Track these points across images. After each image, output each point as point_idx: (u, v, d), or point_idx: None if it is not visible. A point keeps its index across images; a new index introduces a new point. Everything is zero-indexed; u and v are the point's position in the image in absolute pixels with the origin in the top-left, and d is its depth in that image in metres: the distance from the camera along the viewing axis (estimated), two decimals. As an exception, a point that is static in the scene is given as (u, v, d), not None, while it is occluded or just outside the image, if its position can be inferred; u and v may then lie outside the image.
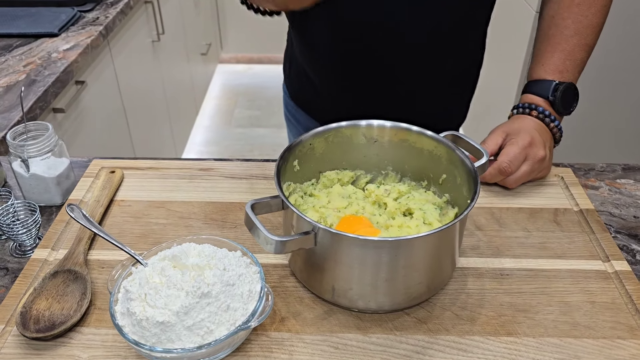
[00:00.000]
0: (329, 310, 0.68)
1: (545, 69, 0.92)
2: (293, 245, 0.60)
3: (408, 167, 0.80)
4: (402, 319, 0.67)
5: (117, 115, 1.79)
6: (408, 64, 0.95)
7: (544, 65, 0.92)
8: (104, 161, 0.95)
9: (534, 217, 0.82)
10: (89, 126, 1.58)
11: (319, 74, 1.03)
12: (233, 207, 0.84)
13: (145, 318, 0.56)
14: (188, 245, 0.64)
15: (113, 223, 0.81)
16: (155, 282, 0.59)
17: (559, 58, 0.90)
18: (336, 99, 1.03)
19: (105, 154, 1.68)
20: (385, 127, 0.77)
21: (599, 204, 0.88)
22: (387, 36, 0.91)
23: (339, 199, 0.76)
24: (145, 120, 2.06)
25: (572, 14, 0.90)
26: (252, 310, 0.59)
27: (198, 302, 0.56)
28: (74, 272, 0.71)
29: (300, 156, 0.75)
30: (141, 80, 2.02)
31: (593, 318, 0.67)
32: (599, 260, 0.75)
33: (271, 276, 0.72)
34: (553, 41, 0.91)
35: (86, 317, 0.67)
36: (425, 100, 1.03)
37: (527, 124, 0.87)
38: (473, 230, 0.80)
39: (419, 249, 0.62)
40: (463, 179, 0.71)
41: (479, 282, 0.72)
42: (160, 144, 2.27)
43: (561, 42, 0.91)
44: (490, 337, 0.64)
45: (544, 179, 0.91)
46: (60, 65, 1.37)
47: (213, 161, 0.96)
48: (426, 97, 1.02)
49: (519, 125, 0.87)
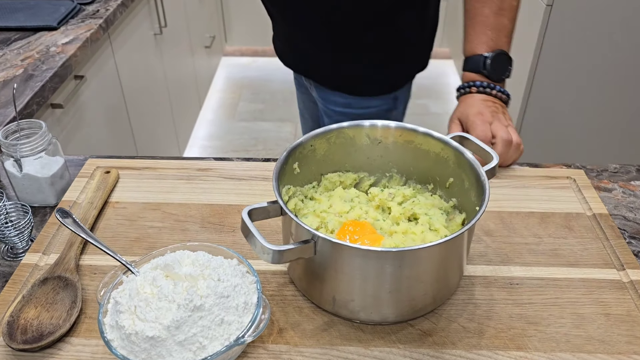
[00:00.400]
0: (330, 321, 0.65)
1: (472, 45, 0.96)
2: (291, 255, 0.57)
3: (413, 170, 0.76)
4: (405, 330, 0.64)
5: (118, 110, 1.76)
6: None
7: (470, 41, 0.97)
8: (99, 160, 0.92)
9: (545, 222, 0.79)
10: (88, 122, 1.55)
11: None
12: (231, 210, 0.81)
13: (134, 332, 0.53)
14: (182, 253, 0.61)
15: (107, 226, 0.79)
16: (147, 293, 0.56)
17: (481, 31, 0.95)
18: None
19: (105, 150, 1.66)
20: (389, 127, 0.74)
21: (612, 207, 0.84)
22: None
23: (340, 203, 0.73)
24: (148, 115, 2.03)
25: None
26: (248, 324, 0.56)
27: (190, 315, 0.53)
28: (64, 278, 0.68)
29: (300, 158, 0.72)
30: (143, 75, 1.99)
31: (608, 331, 0.63)
32: (613, 268, 0.71)
33: (269, 284, 0.69)
34: (472, 15, 0.97)
35: (76, 327, 0.64)
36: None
37: (472, 102, 0.92)
38: (481, 236, 0.77)
39: (424, 259, 0.58)
40: (471, 183, 0.68)
41: (487, 292, 0.68)
42: (162, 139, 2.24)
43: (478, 15, 0.95)
44: (499, 351, 0.61)
45: (555, 181, 0.87)
46: (58, 60, 1.34)
47: (212, 161, 0.92)
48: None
49: (464, 108, 0.92)
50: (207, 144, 2.90)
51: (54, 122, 1.35)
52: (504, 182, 0.87)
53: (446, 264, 0.61)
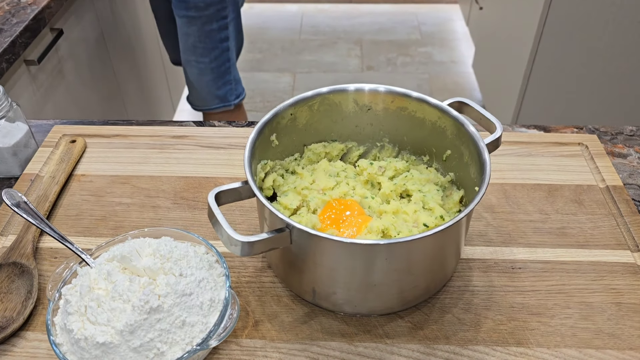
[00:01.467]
0: (310, 312, 0.59)
1: None
2: (263, 246, 0.50)
3: (407, 140, 0.68)
4: (394, 323, 0.57)
5: (102, 65, 1.66)
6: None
7: None
8: (66, 127, 0.84)
9: (553, 196, 0.71)
10: (69, 79, 1.45)
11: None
12: (207, 184, 0.74)
13: (83, 337, 0.47)
14: (142, 242, 0.55)
15: (71, 203, 0.72)
16: (100, 289, 0.50)
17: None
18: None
19: (89, 109, 1.57)
20: (378, 92, 0.65)
21: (627, 176, 0.76)
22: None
23: (325, 178, 0.65)
24: (136, 70, 1.93)
25: None
26: (213, 325, 0.49)
27: (146, 318, 0.47)
28: (20, 265, 0.62)
29: (279, 129, 0.64)
30: (129, 26, 1.87)
31: (619, 324, 0.57)
32: (627, 249, 0.64)
33: (246, 269, 0.63)
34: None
35: (32, 320, 0.58)
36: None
37: None
38: (481, 213, 0.69)
39: (415, 251, 0.51)
40: (471, 158, 0.60)
41: (487, 278, 0.62)
42: (154, 95, 2.14)
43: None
44: (498, 347, 0.55)
45: (565, 148, 0.79)
46: (30, 12, 1.24)
47: (190, 127, 0.85)
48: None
49: None
50: (203, 96, 2.79)
51: (29, 80, 1.26)
52: (509, 150, 0.79)
53: (440, 254, 0.55)
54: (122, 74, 1.78)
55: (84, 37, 1.53)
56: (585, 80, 1.82)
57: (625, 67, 1.78)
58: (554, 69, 1.80)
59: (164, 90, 2.26)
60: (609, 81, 1.81)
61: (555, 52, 1.76)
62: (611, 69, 1.78)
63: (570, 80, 1.82)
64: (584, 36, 1.72)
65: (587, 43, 1.74)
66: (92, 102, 1.60)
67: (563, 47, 1.75)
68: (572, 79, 1.82)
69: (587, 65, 1.78)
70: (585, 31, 1.72)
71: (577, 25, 1.70)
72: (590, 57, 1.76)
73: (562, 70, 1.80)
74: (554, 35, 1.72)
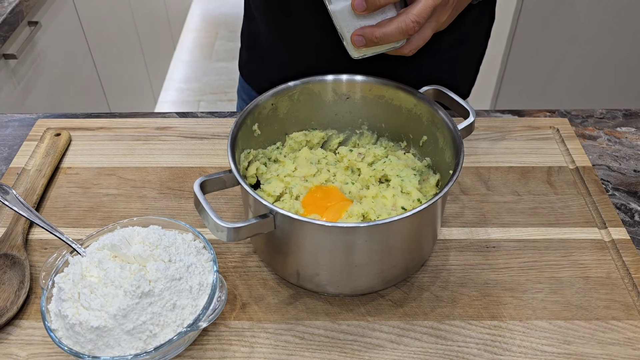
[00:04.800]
0: (295, 293, 0.61)
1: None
2: (248, 231, 0.52)
3: (385, 127, 0.71)
4: (375, 302, 0.60)
5: (81, 57, 1.66)
6: None
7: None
8: (50, 121, 0.85)
9: (526, 178, 0.75)
10: (49, 72, 1.45)
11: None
12: (192, 173, 0.76)
13: (78, 322, 0.49)
14: (131, 230, 0.57)
15: (58, 195, 0.73)
16: (92, 277, 0.52)
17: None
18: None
19: (71, 102, 1.57)
20: (356, 81, 0.67)
21: (596, 157, 0.80)
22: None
23: (307, 166, 0.68)
24: (116, 60, 1.93)
25: None
26: (203, 307, 0.52)
27: (138, 302, 0.49)
28: (11, 256, 0.63)
29: (260, 119, 0.66)
30: (107, 16, 1.86)
31: (586, 296, 0.60)
32: (594, 227, 0.68)
33: (232, 254, 0.65)
34: None
35: (26, 309, 0.60)
36: (426, 61, 0.83)
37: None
38: (457, 195, 0.72)
39: (393, 232, 0.54)
40: (445, 143, 0.63)
41: (463, 257, 0.65)
42: (134, 84, 2.14)
43: None
44: (473, 321, 0.58)
45: (538, 131, 0.82)
46: (7, 5, 1.24)
47: (173, 118, 0.86)
48: (427, 58, 0.82)
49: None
50: (184, 86, 2.79)
51: (8, 74, 1.26)
52: (483, 134, 0.82)
53: (418, 234, 0.57)
54: (102, 66, 1.78)
55: (62, 30, 1.53)
56: (560, 65, 1.86)
57: (600, 53, 1.82)
58: (529, 55, 1.84)
59: (145, 82, 2.26)
60: (583, 66, 1.85)
61: (531, 39, 1.80)
62: (585, 54, 1.82)
63: (545, 65, 1.87)
64: (559, 22, 1.76)
65: (563, 29, 1.78)
66: (73, 95, 1.60)
67: (539, 33, 1.79)
68: (547, 65, 1.86)
69: (561, 51, 1.82)
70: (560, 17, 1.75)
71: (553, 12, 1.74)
72: (564, 43, 1.81)
73: (538, 56, 1.84)
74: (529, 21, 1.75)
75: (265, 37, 0.87)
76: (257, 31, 0.88)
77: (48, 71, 1.45)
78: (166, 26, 2.62)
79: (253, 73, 0.96)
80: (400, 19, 0.56)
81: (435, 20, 0.60)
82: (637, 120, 0.87)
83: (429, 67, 0.84)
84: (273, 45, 0.86)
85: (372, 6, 0.56)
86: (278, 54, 0.86)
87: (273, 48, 0.86)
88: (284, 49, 0.85)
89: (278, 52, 0.86)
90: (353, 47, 0.60)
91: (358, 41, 0.58)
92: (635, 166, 0.78)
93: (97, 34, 1.75)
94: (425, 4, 0.56)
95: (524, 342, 0.57)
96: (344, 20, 0.58)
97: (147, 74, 2.27)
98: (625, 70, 1.85)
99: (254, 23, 0.89)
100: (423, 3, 0.56)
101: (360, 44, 0.58)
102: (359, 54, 0.61)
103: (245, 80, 1.00)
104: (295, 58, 0.84)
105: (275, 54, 0.87)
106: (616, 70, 1.85)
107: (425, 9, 0.56)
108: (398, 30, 0.56)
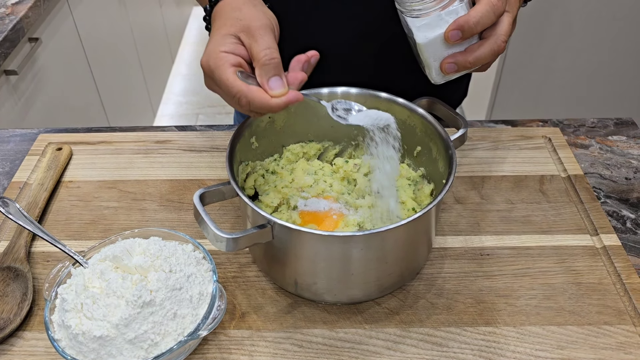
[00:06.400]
0: (294, 302, 0.62)
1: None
2: (247, 241, 0.54)
3: (380, 138, 0.72)
4: (372, 310, 0.61)
5: (81, 72, 1.68)
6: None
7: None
8: (52, 135, 0.86)
9: (519, 187, 0.76)
10: (49, 87, 1.47)
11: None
12: (191, 186, 0.77)
13: (81, 332, 0.50)
14: (132, 242, 0.58)
15: (60, 208, 0.74)
16: (94, 288, 0.53)
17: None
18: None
19: (71, 117, 1.59)
20: (350, 93, 0.69)
21: (588, 165, 0.81)
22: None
23: (303, 177, 0.69)
24: (115, 75, 1.95)
25: None
26: (203, 316, 0.53)
27: (140, 312, 0.50)
28: (14, 269, 0.64)
29: (258, 132, 0.67)
30: (106, 32, 1.89)
31: (578, 302, 0.62)
32: (586, 234, 0.69)
33: (231, 265, 0.67)
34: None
35: (29, 320, 0.61)
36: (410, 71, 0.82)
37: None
38: (452, 204, 0.74)
39: (389, 240, 0.55)
40: (439, 153, 0.64)
41: (457, 265, 0.66)
42: (133, 98, 2.16)
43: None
44: (468, 327, 0.60)
45: (530, 141, 0.84)
46: (8, 22, 1.26)
47: (172, 132, 0.88)
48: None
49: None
50: (183, 99, 2.82)
51: (10, 90, 1.28)
52: (477, 144, 0.83)
53: (413, 242, 0.59)
54: (101, 81, 1.80)
55: (62, 46, 1.55)
56: (553, 76, 1.88)
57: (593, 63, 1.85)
58: (523, 66, 1.87)
59: (144, 96, 2.28)
60: (576, 76, 1.88)
61: (524, 50, 1.82)
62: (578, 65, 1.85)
63: (538, 76, 1.89)
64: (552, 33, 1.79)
65: (555, 40, 1.80)
66: (73, 110, 1.62)
67: (532, 43, 1.81)
68: (540, 75, 1.89)
69: (554, 62, 1.85)
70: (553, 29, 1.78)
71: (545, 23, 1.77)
72: (557, 54, 1.83)
73: (532, 66, 1.87)
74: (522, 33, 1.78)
75: None
76: None
77: (48, 87, 1.47)
78: (164, 40, 2.65)
79: None
80: (492, 41, 0.58)
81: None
82: (628, 129, 0.88)
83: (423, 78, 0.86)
84: None
85: (468, 35, 0.57)
86: None
87: None
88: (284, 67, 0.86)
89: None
90: (439, 73, 0.61)
91: (450, 68, 0.60)
92: (627, 174, 0.80)
93: (96, 49, 1.77)
94: (508, 22, 0.58)
95: (518, 348, 0.58)
96: (433, 50, 0.60)
97: (146, 87, 2.29)
98: (617, 80, 1.88)
99: None
100: (506, 22, 0.58)
101: (452, 70, 0.60)
102: (444, 79, 0.63)
103: None
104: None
105: None
106: (608, 80, 1.88)
107: (509, 26, 0.59)
108: (491, 52, 0.58)
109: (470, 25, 0.56)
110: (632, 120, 0.90)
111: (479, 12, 0.56)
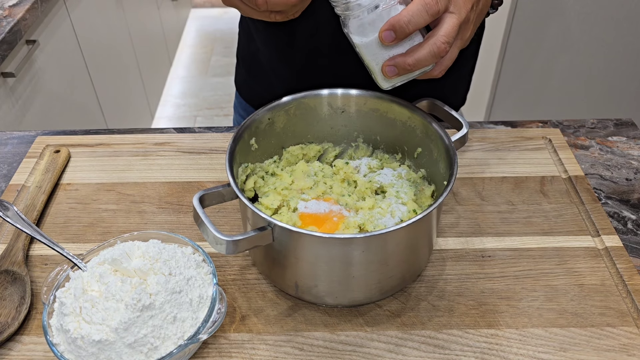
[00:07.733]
0: (294, 305, 0.62)
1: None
2: (247, 244, 0.53)
3: (380, 139, 0.72)
4: (373, 312, 0.61)
5: (79, 75, 1.67)
6: None
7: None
8: (49, 138, 0.86)
9: (519, 188, 0.76)
10: (46, 90, 1.47)
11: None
12: (190, 188, 0.77)
13: (80, 336, 0.49)
14: (132, 245, 0.57)
15: (58, 211, 0.74)
16: (93, 291, 0.53)
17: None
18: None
19: (69, 118, 1.58)
20: (351, 95, 0.69)
21: (589, 166, 0.81)
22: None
23: (303, 179, 0.69)
24: (113, 78, 1.94)
25: None
26: (203, 319, 0.52)
27: (139, 315, 0.50)
28: (12, 272, 0.64)
29: (258, 133, 0.67)
30: (104, 34, 1.88)
31: (581, 303, 0.61)
32: (588, 235, 0.69)
33: (231, 267, 0.66)
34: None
35: (27, 324, 0.61)
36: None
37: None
38: (453, 206, 0.73)
39: (390, 243, 0.55)
40: (439, 154, 0.64)
41: (459, 267, 0.66)
42: (132, 101, 2.15)
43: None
44: (470, 330, 0.59)
45: (530, 142, 0.83)
46: (5, 25, 1.25)
47: (170, 134, 0.87)
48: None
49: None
50: (181, 102, 2.81)
51: (7, 92, 1.27)
52: (477, 146, 0.83)
53: (414, 244, 0.58)
54: (99, 83, 1.80)
55: (60, 48, 1.54)
56: (552, 77, 1.88)
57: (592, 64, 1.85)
58: (522, 67, 1.87)
59: (142, 98, 2.27)
60: (575, 77, 1.88)
61: (523, 51, 1.82)
62: (578, 65, 1.85)
63: (538, 77, 1.89)
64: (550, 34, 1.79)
65: (554, 41, 1.80)
66: (71, 112, 1.61)
67: (531, 44, 1.81)
68: (539, 76, 1.89)
69: (554, 63, 1.85)
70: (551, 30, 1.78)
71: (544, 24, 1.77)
72: (556, 55, 1.83)
73: (531, 68, 1.87)
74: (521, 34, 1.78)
75: (266, 57, 0.88)
76: (255, 51, 0.90)
77: (46, 89, 1.46)
78: (162, 43, 2.64)
79: (252, 92, 0.97)
80: (431, 42, 0.56)
81: (460, 38, 0.61)
82: (628, 130, 0.88)
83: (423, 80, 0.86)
84: (273, 65, 0.87)
85: (401, 35, 0.56)
86: (279, 74, 0.87)
87: (273, 68, 0.88)
88: (288, 71, 0.86)
89: (280, 72, 0.87)
90: (383, 78, 0.60)
91: (390, 71, 0.58)
92: (627, 175, 0.80)
93: (94, 52, 1.76)
94: (451, 24, 0.56)
95: (520, 350, 0.57)
96: (372, 53, 0.58)
97: (144, 90, 2.28)
98: (616, 80, 1.88)
99: (253, 43, 0.90)
100: (448, 23, 0.56)
101: (393, 73, 0.58)
102: (389, 84, 0.61)
103: (244, 98, 1.01)
104: (299, 79, 0.85)
105: (275, 73, 0.88)
106: (607, 81, 1.88)
107: (452, 28, 0.56)
108: (430, 54, 0.56)
109: (401, 25, 0.54)
110: (631, 121, 0.90)
111: (409, 11, 0.54)
